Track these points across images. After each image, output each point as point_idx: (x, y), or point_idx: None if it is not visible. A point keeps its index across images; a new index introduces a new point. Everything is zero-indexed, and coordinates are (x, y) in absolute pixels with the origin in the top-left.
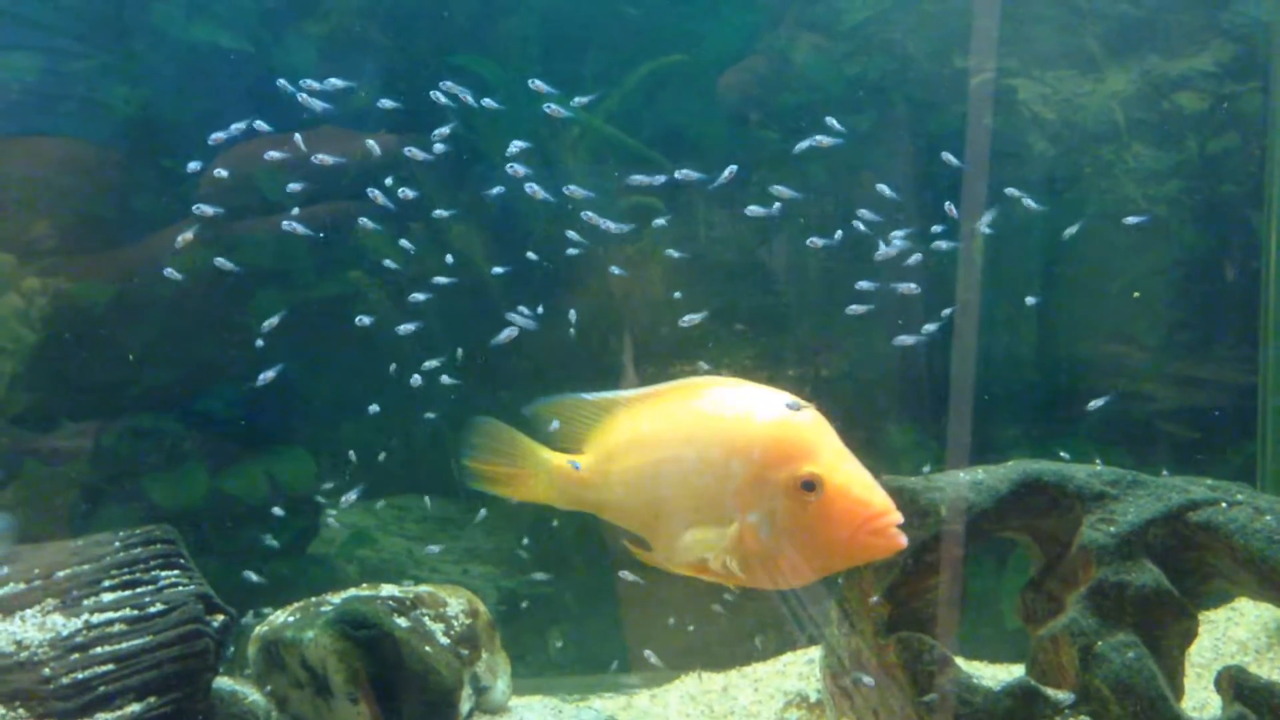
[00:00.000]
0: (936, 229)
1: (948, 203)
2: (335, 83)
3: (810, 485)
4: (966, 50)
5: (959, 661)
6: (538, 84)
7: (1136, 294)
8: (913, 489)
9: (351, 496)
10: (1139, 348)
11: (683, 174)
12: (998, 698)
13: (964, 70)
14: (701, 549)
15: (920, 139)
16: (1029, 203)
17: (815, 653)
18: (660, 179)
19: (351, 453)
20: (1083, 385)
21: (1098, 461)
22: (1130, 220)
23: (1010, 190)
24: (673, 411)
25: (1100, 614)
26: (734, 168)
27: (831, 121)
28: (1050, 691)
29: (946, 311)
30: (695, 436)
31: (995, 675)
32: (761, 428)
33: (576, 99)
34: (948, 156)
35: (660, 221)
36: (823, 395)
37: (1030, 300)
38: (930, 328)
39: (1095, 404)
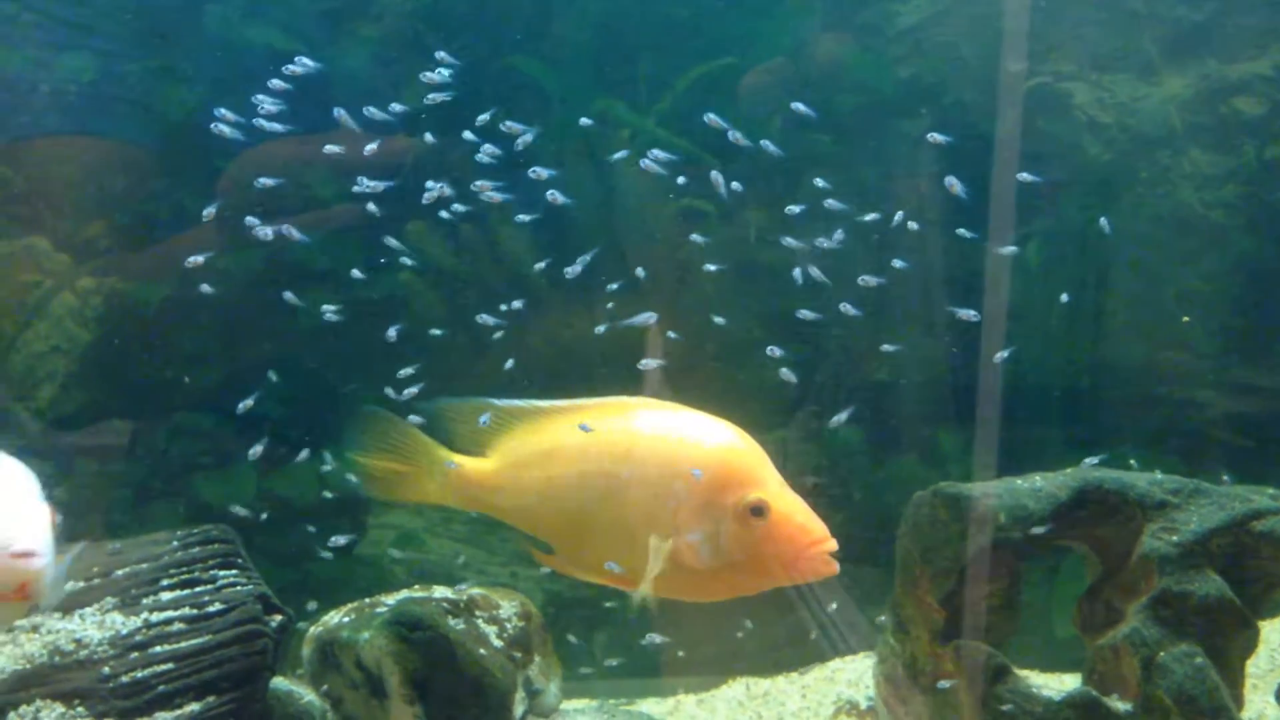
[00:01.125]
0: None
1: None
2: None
3: (759, 510)
4: (1020, 53)
5: None
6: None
7: (1186, 319)
8: (970, 496)
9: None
10: (1194, 354)
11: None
12: (1058, 708)
13: (1018, 73)
14: (631, 562)
15: (973, 142)
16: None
17: (864, 660)
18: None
19: None
20: (1136, 392)
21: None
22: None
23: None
24: (603, 428)
25: (1162, 624)
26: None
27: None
28: (1111, 702)
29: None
30: (631, 454)
31: (1045, 684)
32: (709, 452)
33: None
34: (935, 137)
35: (698, 238)
36: (872, 400)
37: (1064, 298)
38: (1002, 355)
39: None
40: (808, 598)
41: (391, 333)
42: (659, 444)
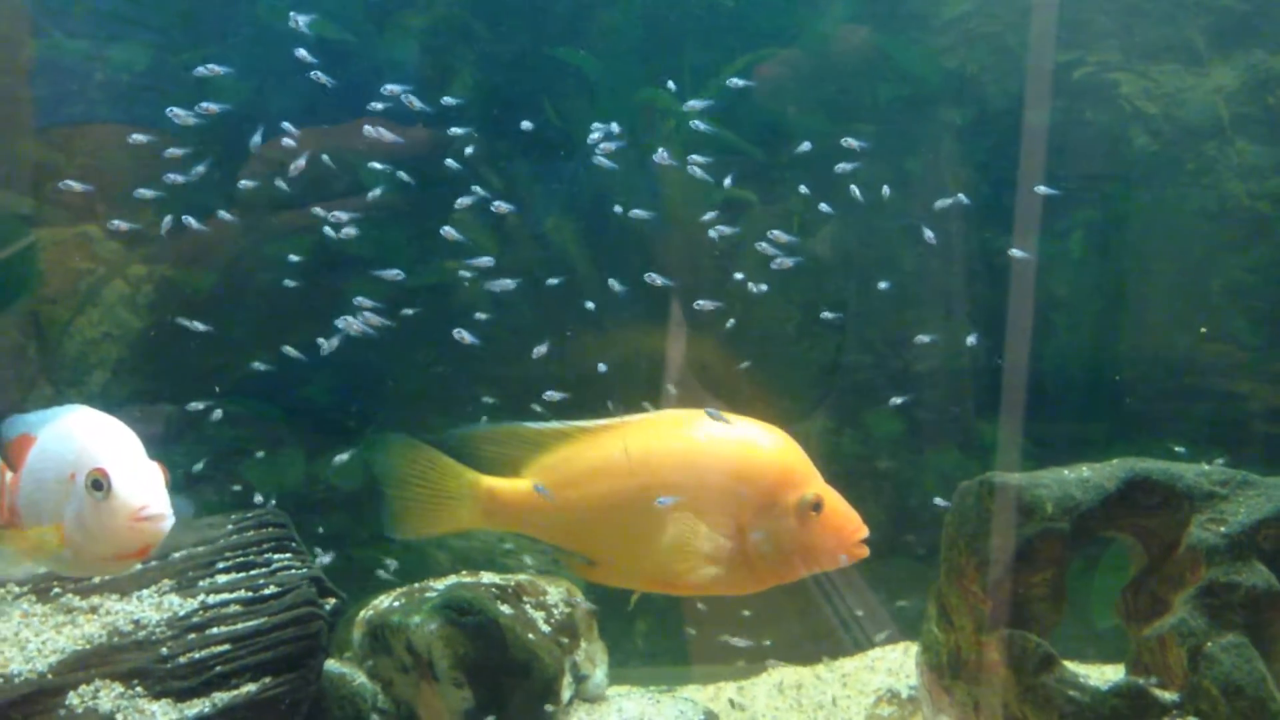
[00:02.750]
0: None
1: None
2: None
3: (818, 506)
4: (1067, 43)
5: None
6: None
7: (1204, 330)
8: (1017, 485)
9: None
10: (1238, 346)
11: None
12: (1105, 697)
13: (1065, 63)
14: (701, 563)
15: (1020, 133)
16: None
17: (903, 649)
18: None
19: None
20: (1180, 384)
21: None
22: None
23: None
24: (654, 441)
25: (1210, 614)
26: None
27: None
28: (1158, 691)
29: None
30: (693, 464)
31: (1086, 674)
32: (769, 455)
33: (690, 103)
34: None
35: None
36: (913, 390)
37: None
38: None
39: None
40: (843, 588)
41: (465, 335)
42: (720, 451)
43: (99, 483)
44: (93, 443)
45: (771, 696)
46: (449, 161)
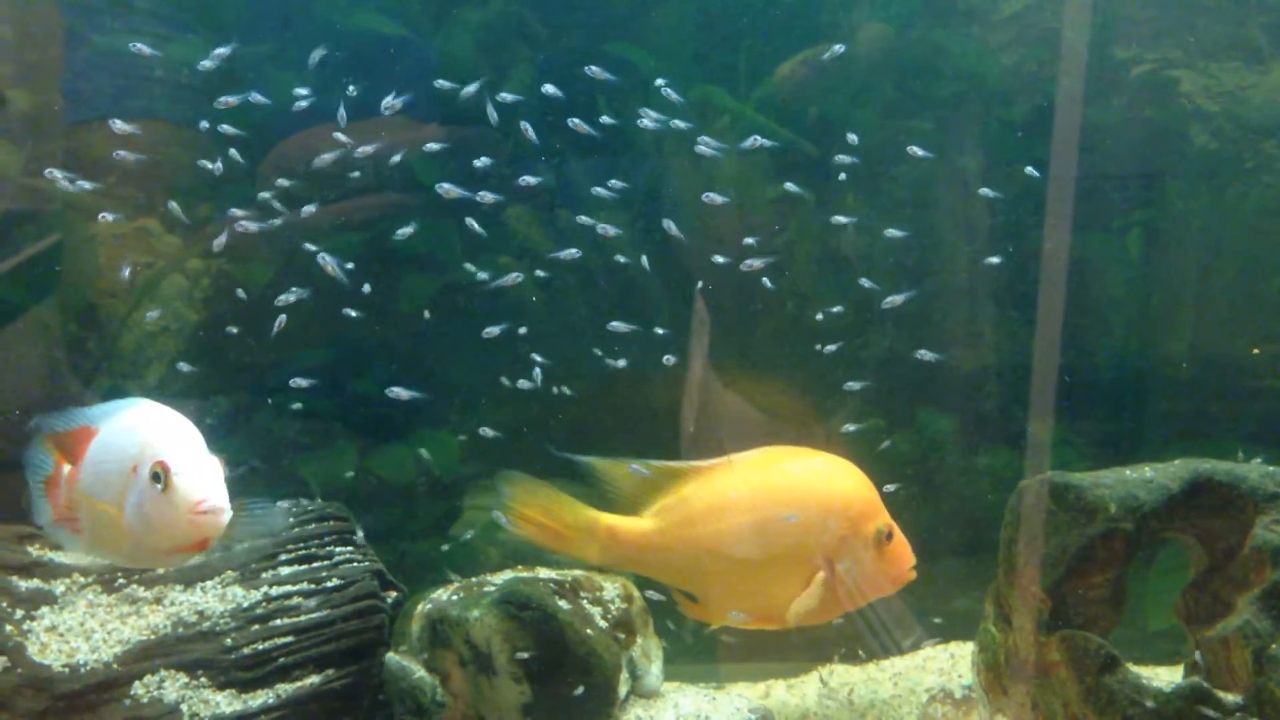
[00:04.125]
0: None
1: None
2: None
3: (890, 535)
4: (1126, 40)
5: None
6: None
7: (1256, 350)
8: (1079, 485)
9: None
10: None
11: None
12: (1168, 699)
13: (1124, 60)
14: (809, 599)
15: (1079, 131)
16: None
17: (954, 648)
18: None
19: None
20: (1238, 384)
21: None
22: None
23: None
24: (757, 478)
25: (1275, 616)
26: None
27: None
28: (1223, 694)
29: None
30: (791, 498)
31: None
32: (852, 488)
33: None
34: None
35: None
36: (964, 389)
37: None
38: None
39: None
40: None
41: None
42: (812, 486)
43: (159, 475)
44: (155, 436)
45: (822, 695)
46: (481, 160)
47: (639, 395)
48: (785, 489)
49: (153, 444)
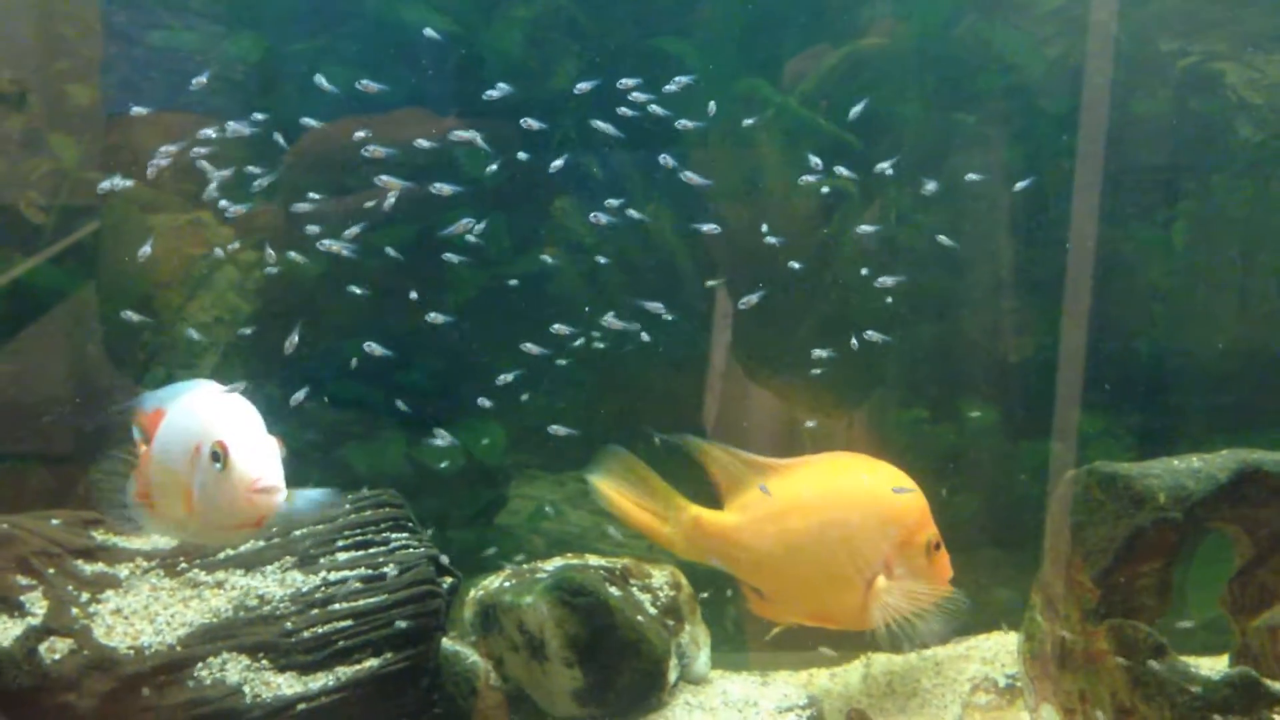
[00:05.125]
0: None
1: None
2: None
3: (939, 545)
4: (1172, 33)
5: None
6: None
7: None
8: (1127, 475)
9: None
10: None
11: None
12: (1217, 687)
13: (1170, 53)
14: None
15: (1123, 123)
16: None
17: (997, 638)
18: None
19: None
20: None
21: None
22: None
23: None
24: (829, 480)
25: None
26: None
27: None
28: (1271, 683)
29: None
30: (856, 503)
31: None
32: (909, 497)
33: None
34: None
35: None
36: (1010, 380)
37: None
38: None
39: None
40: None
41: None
42: (875, 493)
43: (218, 454)
44: (216, 416)
45: (865, 682)
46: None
47: (688, 386)
48: (853, 493)
49: (214, 424)
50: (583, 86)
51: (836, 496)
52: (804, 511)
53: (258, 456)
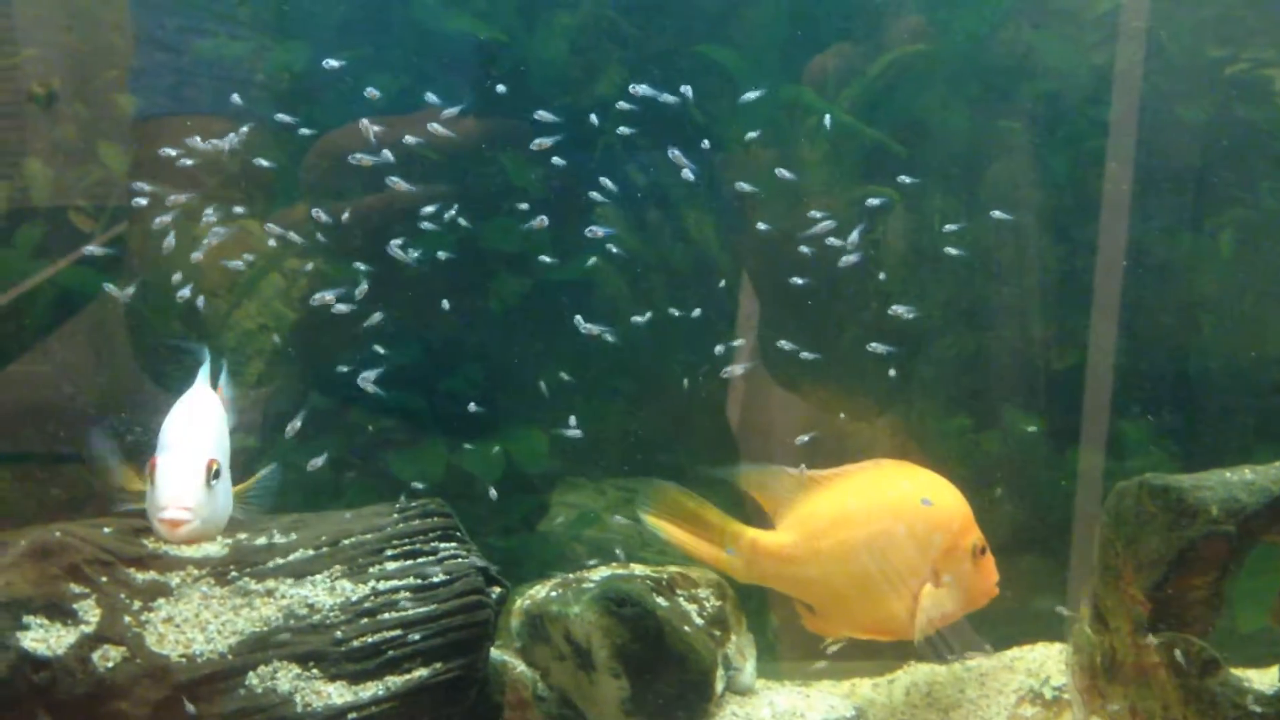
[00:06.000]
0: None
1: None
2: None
3: (984, 550)
4: (1220, 39)
5: None
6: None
7: None
8: (1179, 487)
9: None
10: None
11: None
12: (1271, 700)
13: (1217, 60)
14: (929, 611)
15: (1169, 130)
16: None
17: (1042, 649)
18: None
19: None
20: None
21: None
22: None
23: None
24: (874, 491)
25: None
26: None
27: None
28: None
29: None
30: (901, 512)
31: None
32: (954, 502)
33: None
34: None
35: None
36: (1055, 389)
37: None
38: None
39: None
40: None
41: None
42: (919, 500)
43: (150, 474)
44: (168, 429)
45: (908, 693)
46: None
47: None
48: (898, 502)
49: (163, 438)
50: (633, 88)
51: (883, 507)
52: (851, 525)
53: (171, 484)
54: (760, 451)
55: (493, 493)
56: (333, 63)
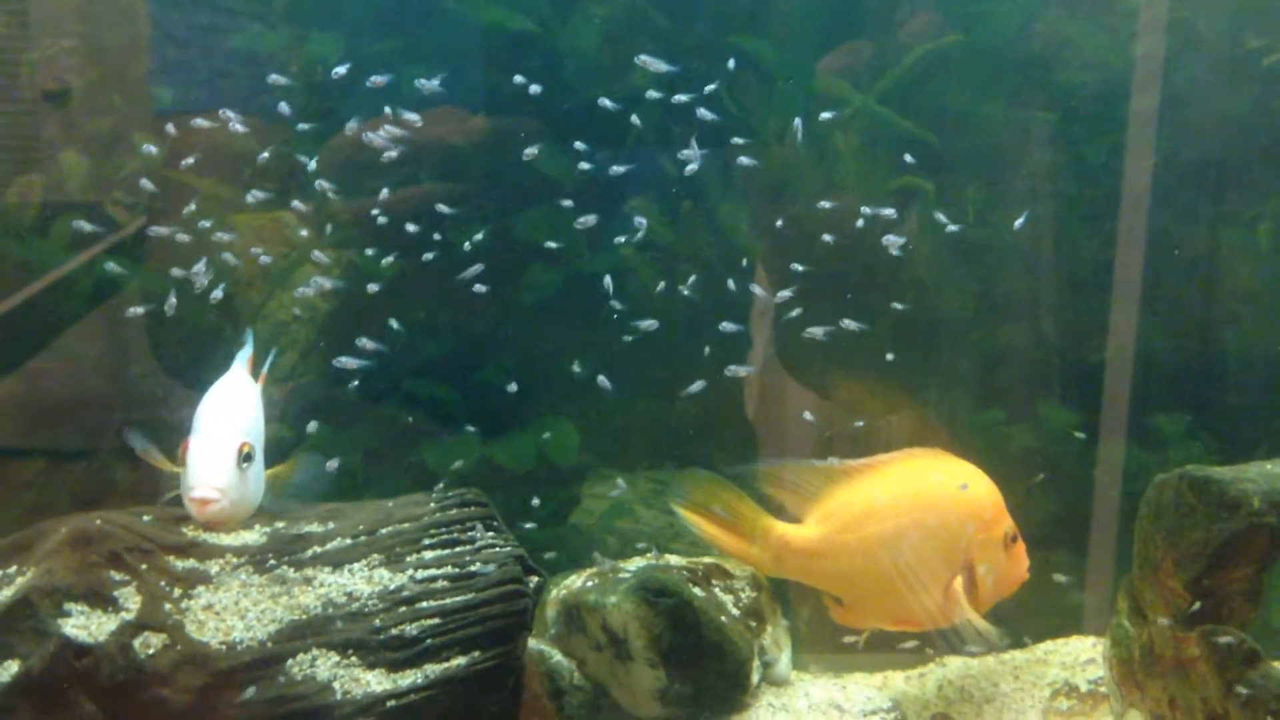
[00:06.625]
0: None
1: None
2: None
3: (1016, 537)
4: (1257, 29)
5: None
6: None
7: None
8: (1220, 479)
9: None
10: None
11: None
12: None
13: (1255, 50)
14: (961, 600)
15: (1207, 121)
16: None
17: (1076, 643)
18: None
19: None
20: None
21: None
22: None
23: None
24: (904, 482)
25: None
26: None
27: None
28: None
29: None
30: (933, 503)
31: None
32: (984, 492)
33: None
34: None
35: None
36: (1090, 382)
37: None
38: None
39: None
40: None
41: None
42: (951, 490)
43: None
44: (201, 413)
45: (941, 686)
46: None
47: (765, 385)
48: (929, 494)
49: (197, 421)
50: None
51: (914, 499)
52: (882, 517)
53: (202, 466)
54: (791, 446)
55: (535, 500)
56: (340, 70)
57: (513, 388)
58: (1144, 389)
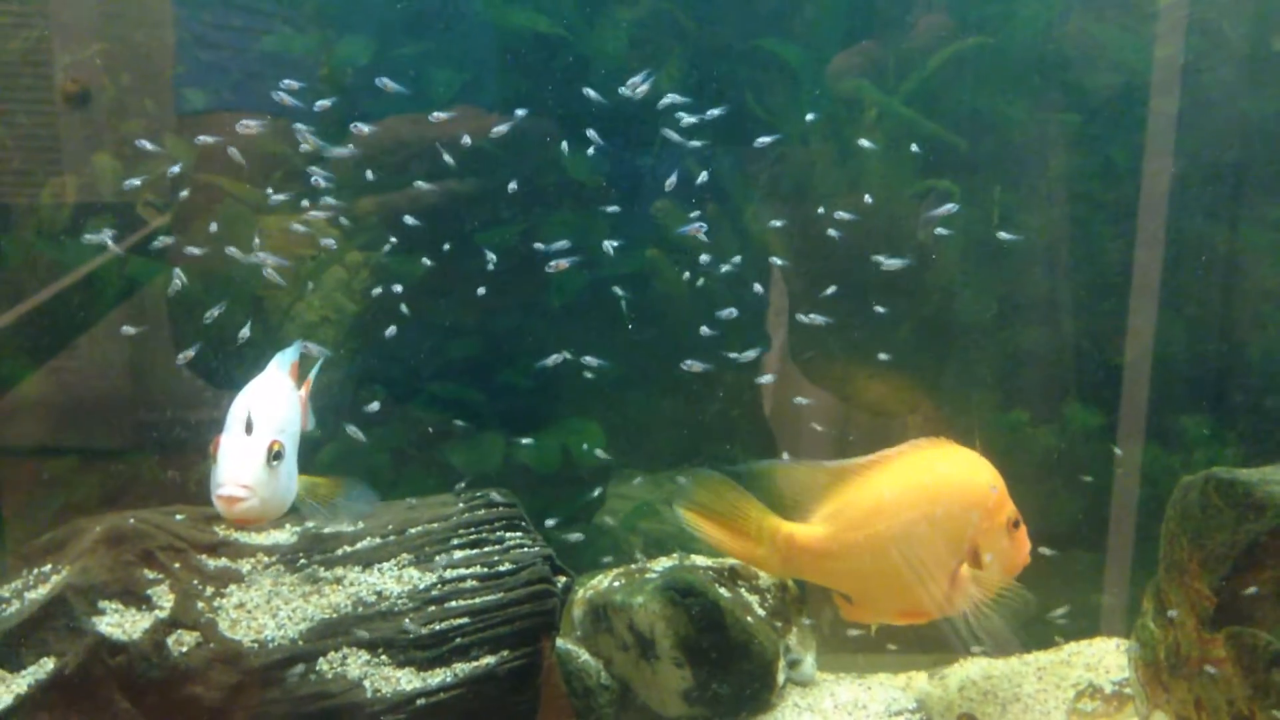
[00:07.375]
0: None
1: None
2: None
3: (1018, 523)
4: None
5: None
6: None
7: None
8: (1246, 482)
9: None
10: None
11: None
12: None
13: None
14: (972, 592)
15: (1231, 123)
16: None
17: (1100, 644)
18: None
19: None
20: None
21: None
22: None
23: None
24: (907, 476)
25: None
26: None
27: None
28: None
29: None
30: (938, 495)
31: None
32: (987, 480)
33: None
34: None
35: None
36: (1114, 383)
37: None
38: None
39: None
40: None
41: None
42: (955, 481)
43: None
44: (233, 411)
45: (964, 686)
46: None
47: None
48: (933, 487)
49: (228, 419)
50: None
51: (917, 492)
52: (887, 513)
53: (230, 463)
54: (810, 448)
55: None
56: (387, 82)
57: (548, 368)
58: (1168, 390)
